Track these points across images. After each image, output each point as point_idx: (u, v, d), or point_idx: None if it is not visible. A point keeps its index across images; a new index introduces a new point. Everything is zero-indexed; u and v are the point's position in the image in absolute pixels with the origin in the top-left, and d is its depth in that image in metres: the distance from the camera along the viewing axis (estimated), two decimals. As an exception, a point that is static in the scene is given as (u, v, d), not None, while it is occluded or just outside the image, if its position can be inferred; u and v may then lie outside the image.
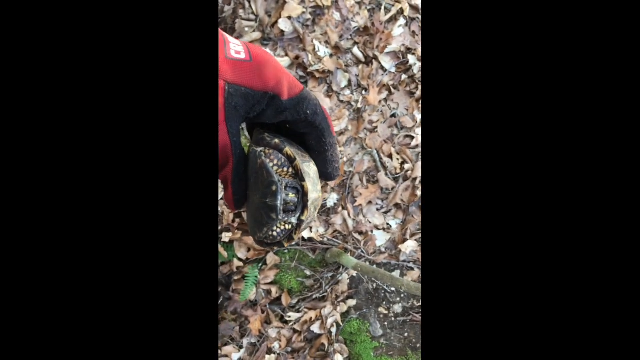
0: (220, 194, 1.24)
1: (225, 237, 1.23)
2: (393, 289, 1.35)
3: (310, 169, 0.34)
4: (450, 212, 0.27)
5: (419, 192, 1.32)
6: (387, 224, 1.34)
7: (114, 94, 0.24)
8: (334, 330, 1.32)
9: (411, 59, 1.32)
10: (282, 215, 0.32)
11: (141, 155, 0.25)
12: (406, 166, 1.32)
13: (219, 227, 1.24)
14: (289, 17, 1.25)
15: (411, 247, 1.33)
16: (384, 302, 1.35)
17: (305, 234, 1.28)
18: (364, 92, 1.31)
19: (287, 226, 0.33)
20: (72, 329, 0.23)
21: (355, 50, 1.30)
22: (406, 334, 1.36)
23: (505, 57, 0.25)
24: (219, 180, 0.35)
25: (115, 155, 0.24)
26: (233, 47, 0.31)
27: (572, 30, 0.24)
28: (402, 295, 1.36)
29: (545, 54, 0.25)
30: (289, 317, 1.29)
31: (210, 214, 0.26)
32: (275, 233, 0.33)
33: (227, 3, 1.23)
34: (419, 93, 1.33)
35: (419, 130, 1.33)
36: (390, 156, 1.32)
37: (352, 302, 1.33)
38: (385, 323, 1.36)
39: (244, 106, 0.32)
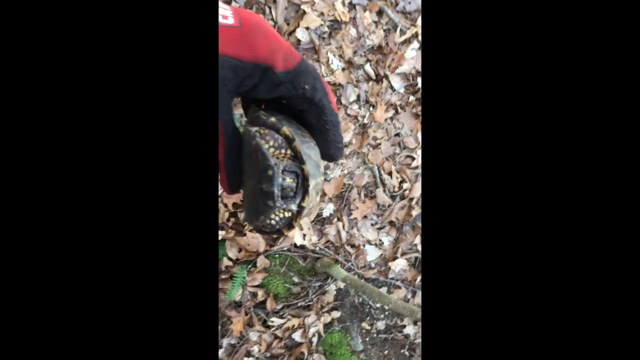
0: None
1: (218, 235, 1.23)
2: (378, 305, 1.36)
3: (311, 150, 0.31)
4: (451, 229, 0.26)
5: (414, 212, 1.34)
6: (380, 240, 1.35)
7: (106, 83, 0.23)
8: (314, 340, 1.32)
9: (421, 81, 1.35)
10: (280, 202, 0.29)
11: (139, 148, 0.24)
12: (404, 185, 1.34)
13: (214, 224, 1.24)
14: (307, 28, 1.27)
15: (401, 265, 1.34)
16: (368, 318, 1.36)
17: (298, 241, 1.29)
18: (371, 108, 1.33)
19: (286, 214, 0.30)
20: (69, 325, 0.23)
21: (368, 67, 1.33)
22: (386, 352, 1.36)
23: (507, 78, 0.25)
24: None
25: (111, 148, 0.23)
26: (220, 12, 0.27)
27: (572, 46, 0.24)
28: (387, 313, 1.36)
29: (546, 73, 0.24)
30: (272, 322, 1.28)
31: (210, 205, 0.25)
32: (273, 222, 0.30)
33: (248, 7, 1.26)
34: (424, 116, 1.35)
35: (420, 152, 1.36)
36: (390, 174, 1.34)
37: (336, 314, 1.33)
38: (367, 339, 1.36)
39: (233, 80, 0.28)
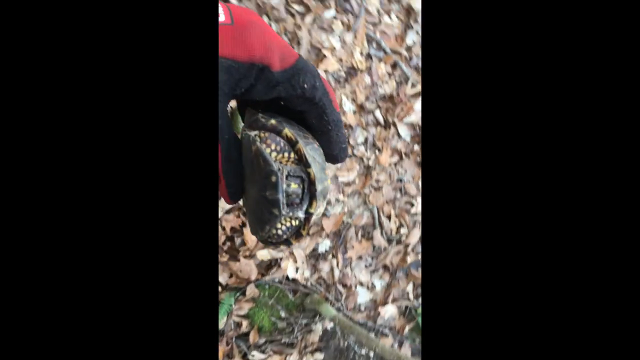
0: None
1: (212, 256, 1.22)
2: (363, 352, 1.31)
3: (315, 152, 0.29)
4: (451, 277, 0.25)
5: (409, 259, 1.34)
6: (372, 283, 1.33)
7: (103, 86, 0.22)
8: (294, 382, 1.26)
9: (421, 132, 1.41)
10: (285, 210, 0.27)
11: (134, 158, 0.23)
12: (402, 230, 1.35)
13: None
14: (326, 71, 1.35)
15: (390, 312, 1.32)
16: (352, 364, 1.31)
17: (290, 273, 1.27)
18: (377, 152, 1.38)
19: (293, 222, 0.28)
20: (64, 342, 0.22)
21: (377, 113, 1.40)
22: (367, 404, 1.29)
23: (504, 116, 0.25)
24: None
25: (106, 155, 0.22)
26: None
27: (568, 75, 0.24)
28: (372, 361, 1.32)
29: (542, 122, 0.24)
30: (252, 356, 1.23)
31: (210, 208, 0.24)
32: (280, 231, 0.28)
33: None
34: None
35: (420, 199, 1.39)
36: (389, 217, 1.36)
37: (319, 356, 1.28)
38: (348, 387, 1.29)
39: (228, 82, 0.26)
